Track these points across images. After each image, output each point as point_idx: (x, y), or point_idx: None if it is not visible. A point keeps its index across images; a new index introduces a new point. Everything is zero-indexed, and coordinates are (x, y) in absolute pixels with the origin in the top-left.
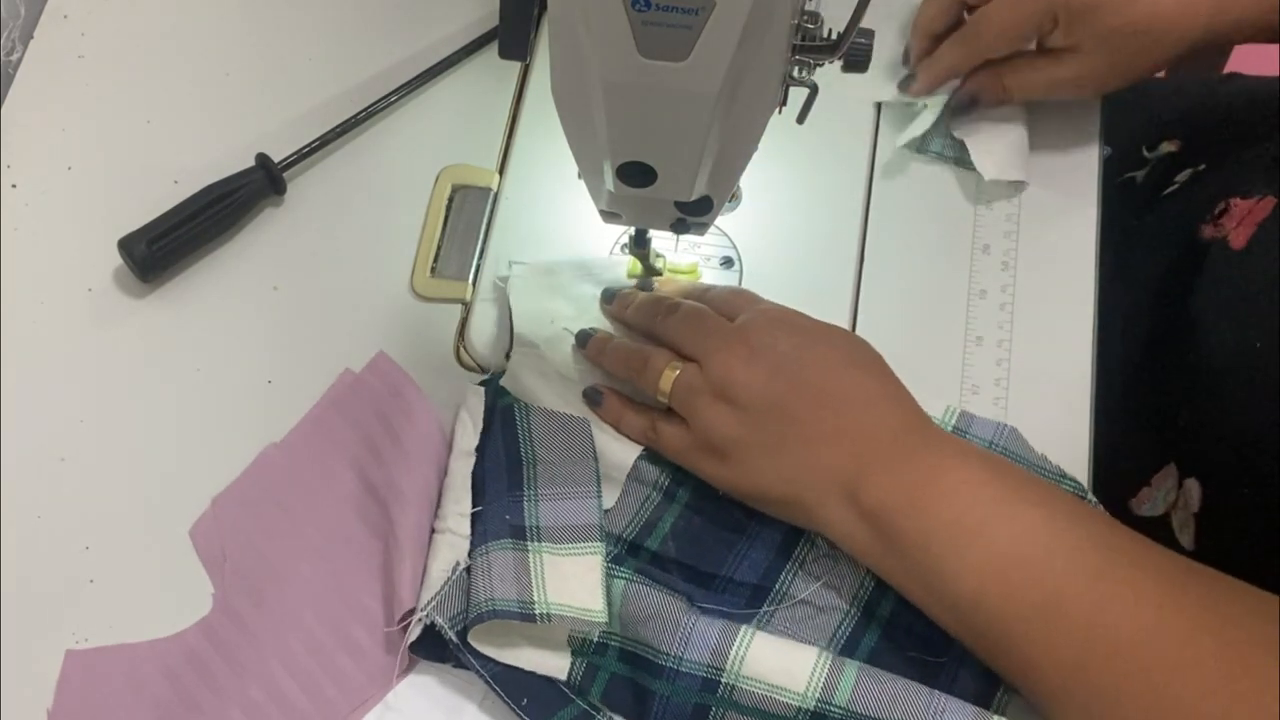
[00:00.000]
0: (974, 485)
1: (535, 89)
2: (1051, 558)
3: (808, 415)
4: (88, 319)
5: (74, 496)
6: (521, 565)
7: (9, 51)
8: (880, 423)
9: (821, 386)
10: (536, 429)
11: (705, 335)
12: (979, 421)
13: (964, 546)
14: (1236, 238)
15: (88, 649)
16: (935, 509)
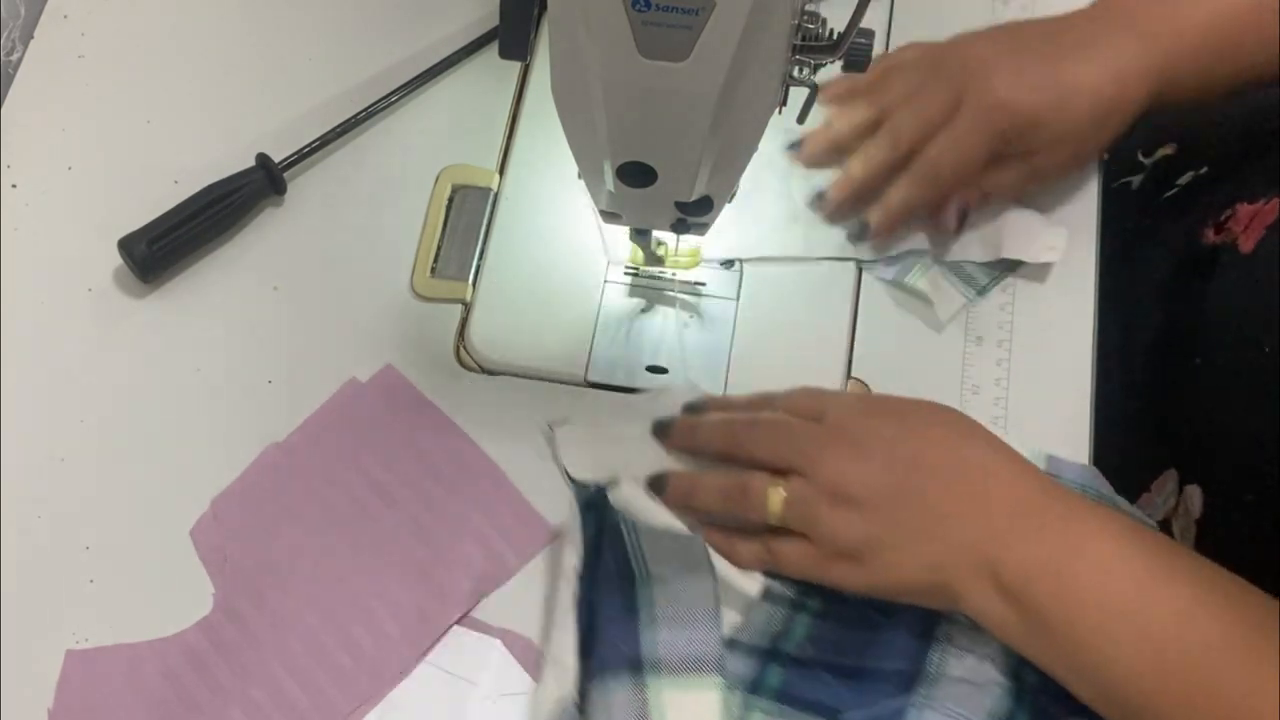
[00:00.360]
0: (1120, 561)
1: (535, 89)
2: (1207, 642)
3: (935, 496)
4: (88, 319)
5: (74, 496)
6: (642, 706)
7: (9, 51)
8: (1009, 492)
9: (940, 464)
10: (648, 547)
11: (800, 442)
12: (1065, 464)
13: (1115, 628)
14: (1245, 241)
15: (88, 649)
16: (1082, 586)
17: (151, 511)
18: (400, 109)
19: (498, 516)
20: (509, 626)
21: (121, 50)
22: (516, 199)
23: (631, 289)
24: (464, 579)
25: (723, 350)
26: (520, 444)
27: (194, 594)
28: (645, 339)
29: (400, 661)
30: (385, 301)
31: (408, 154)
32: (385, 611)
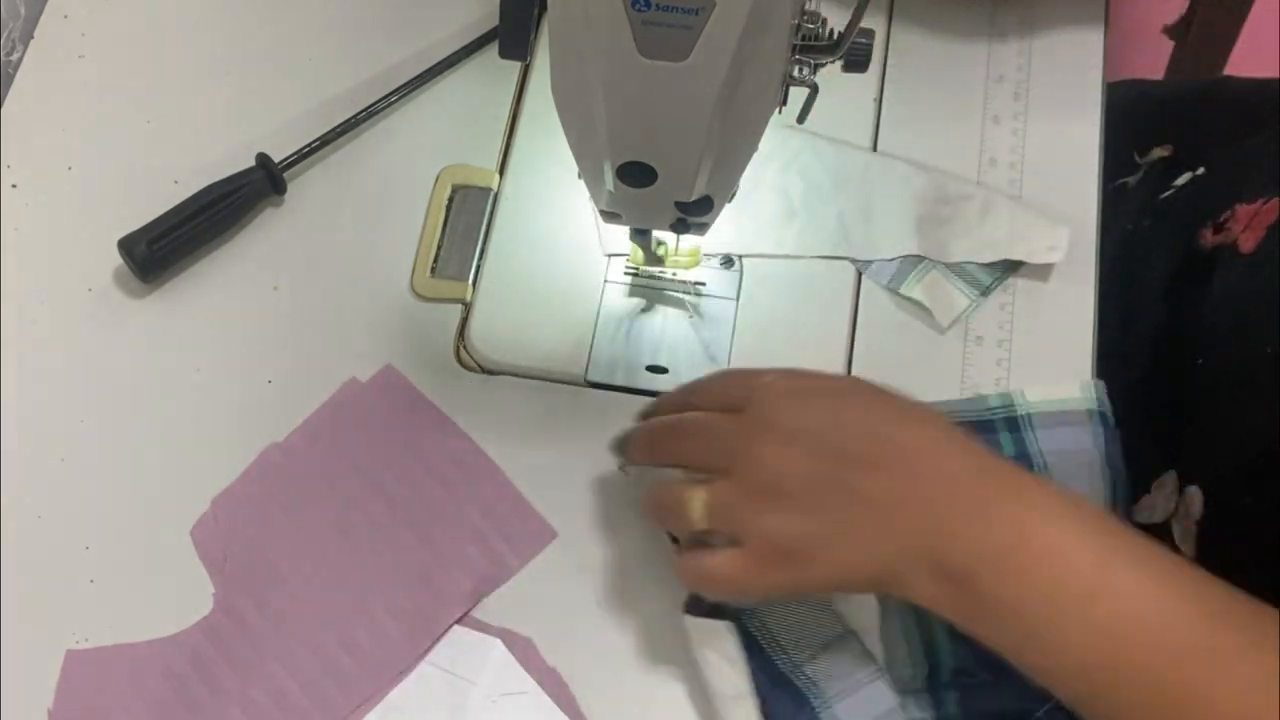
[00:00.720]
0: (1067, 546)
1: (535, 89)
2: (1163, 628)
3: (869, 485)
4: (88, 319)
5: (74, 496)
6: None
7: (9, 51)
8: (945, 472)
9: (873, 451)
10: (781, 636)
11: (721, 440)
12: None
13: (1064, 617)
14: (1245, 241)
15: (88, 649)
16: (1029, 575)
17: (151, 511)
18: (400, 109)
19: (498, 517)
20: (509, 626)
21: (121, 50)
22: (516, 199)
23: (631, 289)
24: (464, 579)
25: (723, 350)
26: (520, 444)
27: (194, 594)
28: (645, 339)
29: (400, 661)
30: (385, 301)
31: (408, 154)
32: (385, 611)
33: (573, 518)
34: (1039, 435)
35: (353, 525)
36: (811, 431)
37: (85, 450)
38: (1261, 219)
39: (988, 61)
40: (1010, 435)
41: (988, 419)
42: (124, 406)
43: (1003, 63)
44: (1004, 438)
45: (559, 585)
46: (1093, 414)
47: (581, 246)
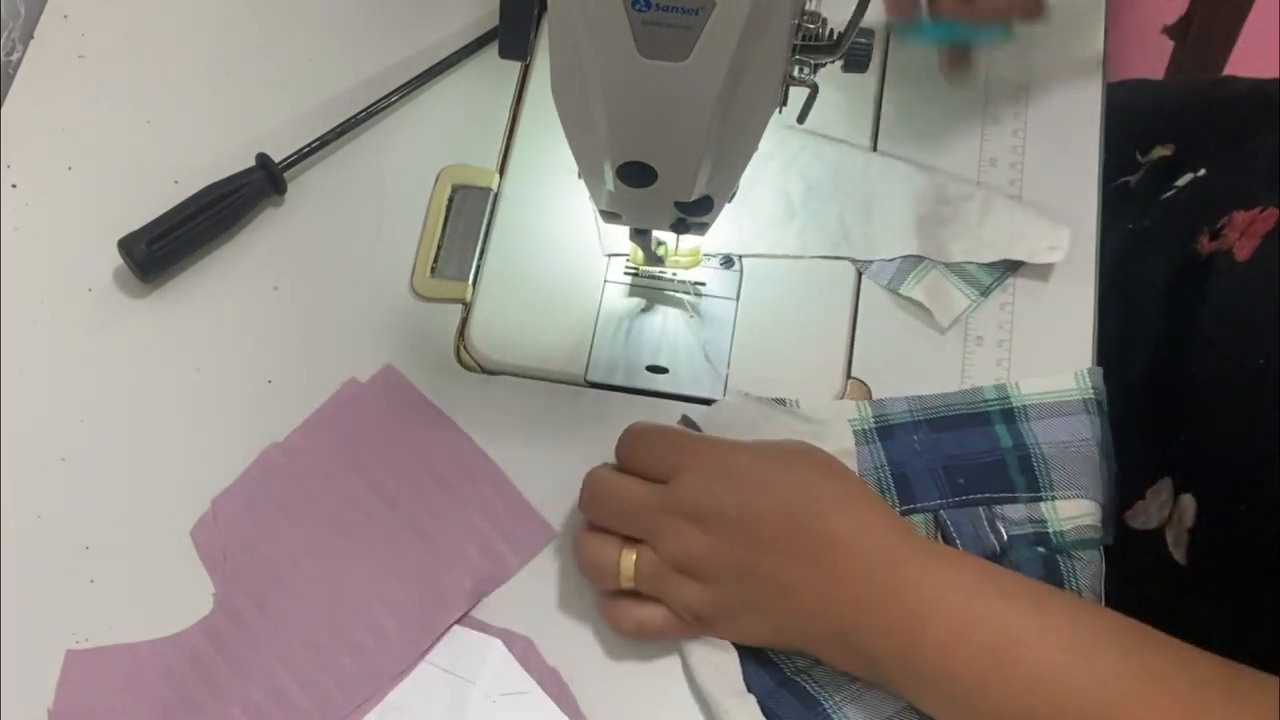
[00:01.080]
0: (964, 635)
1: (535, 89)
2: (1068, 695)
3: (779, 569)
4: (88, 319)
5: (74, 496)
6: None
7: (9, 51)
8: (857, 560)
9: (783, 537)
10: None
11: (644, 518)
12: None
13: (959, 703)
14: (1240, 249)
15: (88, 649)
16: (927, 663)
17: (151, 511)
18: (400, 109)
19: (498, 516)
20: (509, 626)
21: (121, 50)
22: (516, 199)
23: (631, 289)
24: (464, 579)
25: (723, 350)
26: (520, 444)
27: (194, 594)
28: (645, 339)
29: (400, 661)
30: (385, 301)
31: (408, 154)
32: (385, 611)
33: (573, 518)
34: (1035, 427)
35: (353, 525)
36: (729, 517)
37: (85, 450)
38: (1257, 228)
39: (987, 61)
40: (1007, 428)
41: (982, 410)
42: (124, 406)
43: (1002, 62)
44: (1000, 430)
45: (559, 585)
46: (1089, 403)
47: (581, 246)
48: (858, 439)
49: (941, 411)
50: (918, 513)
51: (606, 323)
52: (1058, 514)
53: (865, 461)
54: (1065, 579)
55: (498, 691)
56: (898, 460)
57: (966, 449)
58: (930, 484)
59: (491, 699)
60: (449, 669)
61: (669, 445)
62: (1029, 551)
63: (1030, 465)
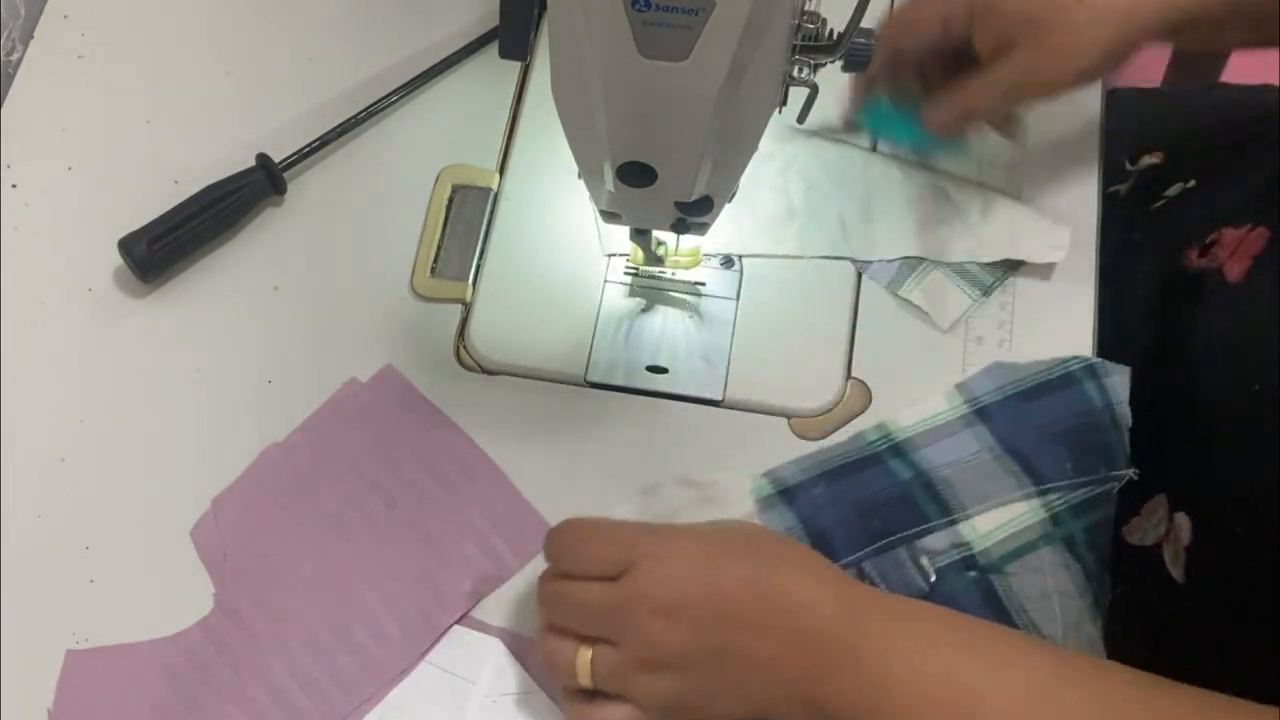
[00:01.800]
0: (931, 690)
1: (535, 89)
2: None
3: (746, 649)
4: (88, 319)
5: (74, 496)
6: None
7: (9, 51)
8: (822, 628)
9: (748, 617)
10: None
11: (600, 616)
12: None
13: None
14: (1231, 269)
15: (88, 649)
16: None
17: (151, 511)
18: (400, 109)
19: (498, 516)
20: (509, 626)
21: (121, 50)
22: (516, 199)
23: (631, 289)
24: (464, 579)
25: (723, 350)
26: (520, 444)
27: (194, 594)
28: (645, 339)
29: (400, 661)
30: (385, 301)
31: (408, 154)
32: (385, 611)
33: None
34: (925, 455)
35: (353, 525)
36: (690, 601)
37: (85, 450)
38: (1247, 248)
39: None
40: (900, 461)
41: (871, 453)
42: (124, 406)
43: None
44: (895, 464)
45: None
46: (967, 417)
47: (581, 246)
48: (762, 505)
49: (835, 462)
50: (843, 568)
51: (606, 323)
52: (978, 530)
53: (776, 525)
54: (1004, 600)
55: (498, 691)
56: (809, 518)
57: (870, 489)
58: (847, 535)
59: (491, 699)
60: (449, 669)
61: (615, 541)
62: (960, 580)
63: (935, 490)
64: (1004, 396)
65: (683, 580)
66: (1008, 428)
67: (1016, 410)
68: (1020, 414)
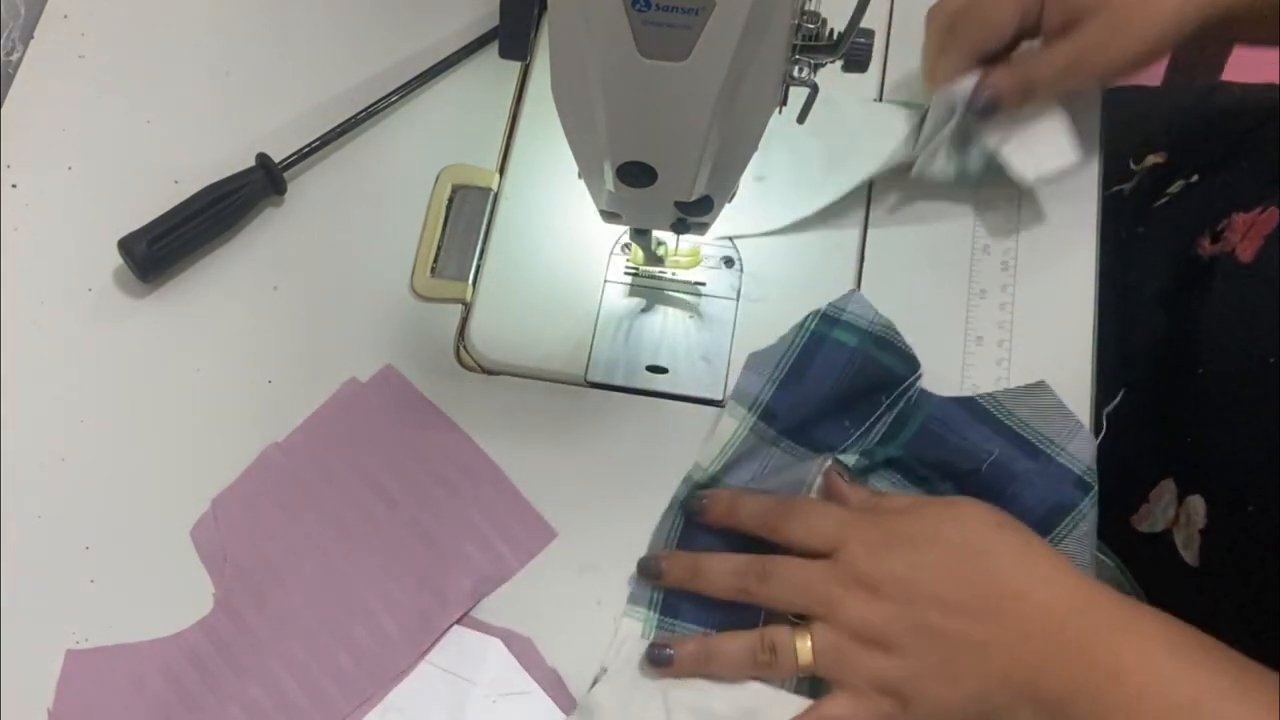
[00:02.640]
0: (1158, 684)
1: (535, 89)
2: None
3: (962, 629)
4: (88, 319)
5: (74, 496)
6: None
7: (9, 51)
8: (1041, 610)
9: (963, 597)
10: None
11: (816, 591)
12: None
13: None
14: (1244, 250)
15: (88, 649)
16: (1120, 712)
17: (151, 511)
18: (400, 109)
19: (498, 516)
20: (509, 626)
21: (121, 50)
22: (516, 199)
23: (631, 289)
24: (464, 579)
25: (723, 350)
26: (520, 444)
27: (194, 594)
28: (645, 339)
29: (400, 661)
30: (385, 301)
31: (408, 154)
32: (385, 611)
33: (573, 518)
34: (730, 481)
35: (353, 525)
36: (902, 582)
37: (85, 450)
38: (1259, 228)
39: None
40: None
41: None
42: (124, 406)
43: None
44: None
45: (559, 585)
46: (757, 428)
47: (581, 246)
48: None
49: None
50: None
51: (606, 323)
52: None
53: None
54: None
55: (498, 691)
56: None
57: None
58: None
59: (491, 699)
60: (449, 669)
61: (829, 517)
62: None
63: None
64: (776, 387)
65: (887, 557)
66: (791, 417)
67: (794, 396)
68: (799, 398)
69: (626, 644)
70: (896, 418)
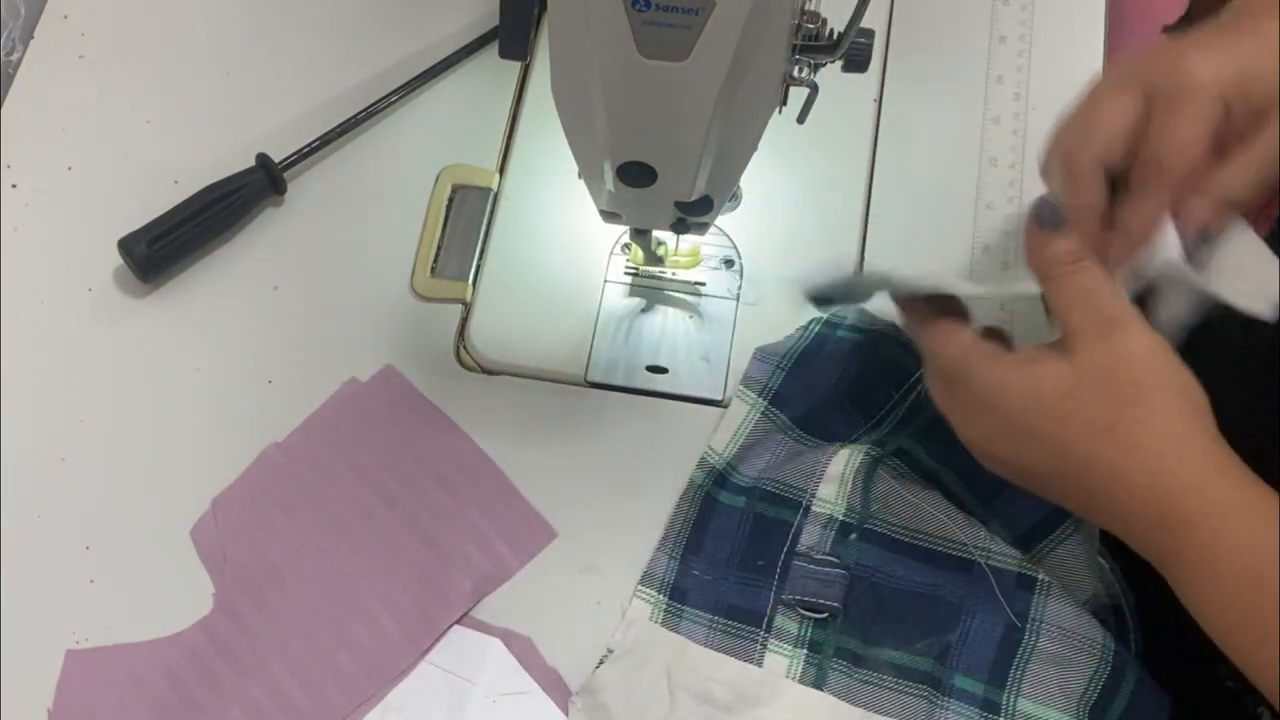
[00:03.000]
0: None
1: (535, 89)
2: None
3: (1062, 490)
4: (88, 319)
5: (74, 496)
6: None
7: (9, 51)
8: (1124, 504)
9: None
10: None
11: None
12: None
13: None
14: (1258, 230)
15: (88, 649)
16: (1198, 568)
17: (151, 511)
18: (400, 109)
19: (498, 516)
20: (509, 626)
21: (121, 50)
22: (516, 199)
23: (631, 289)
24: (464, 579)
25: (723, 350)
26: (520, 444)
27: (194, 594)
28: (645, 339)
29: (400, 661)
30: (385, 301)
31: (408, 154)
32: (385, 611)
33: (573, 518)
34: (745, 470)
35: (353, 525)
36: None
37: (85, 450)
38: (1270, 210)
39: (988, 62)
40: (729, 492)
41: (705, 496)
42: (124, 406)
43: (1003, 63)
44: (725, 496)
45: (559, 585)
46: (766, 413)
47: (581, 246)
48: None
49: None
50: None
51: (606, 323)
52: (828, 498)
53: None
54: (894, 541)
55: (498, 691)
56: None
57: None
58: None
59: (491, 699)
60: (449, 669)
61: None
62: (850, 548)
63: (768, 492)
64: (785, 374)
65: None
66: (799, 404)
67: (802, 383)
68: (806, 385)
69: (634, 626)
70: (908, 411)
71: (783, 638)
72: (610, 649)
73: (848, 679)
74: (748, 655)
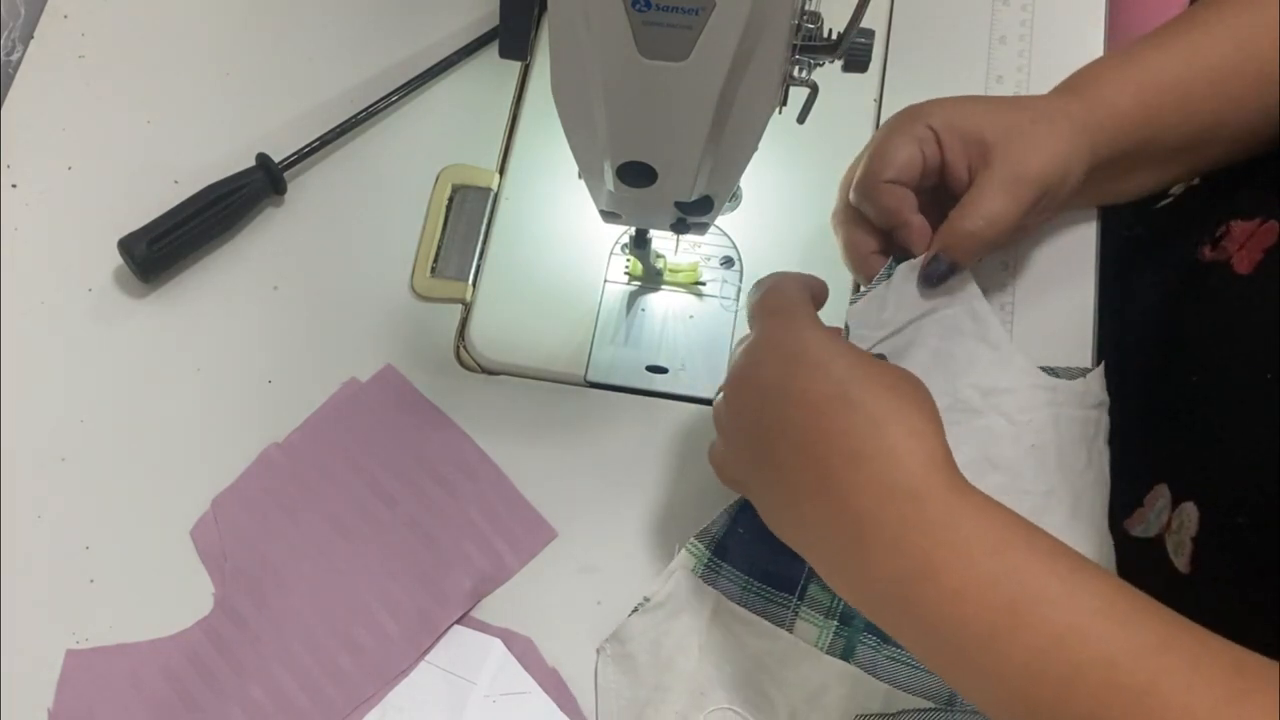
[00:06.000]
0: (983, 587)
1: (535, 89)
2: (1094, 663)
3: (787, 461)
4: (88, 319)
5: (74, 496)
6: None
7: (9, 51)
8: (870, 479)
9: (803, 428)
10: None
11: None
12: None
13: (966, 657)
14: (1240, 262)
15: (88, 649)
16: (931, 612)
17: (151, 511)
18: (400, 109)
19: (498, 516)
20: (509, 626)
21: (121, 50)
22: (516, 199)
23: (631, 289)
24: (464, 579)
25: (723, 350)
26: (520, 444)
27: (194, 594)
28: (645, 339)
29: (400, 661)
30: (385, 301)
31: (408, 154)
32: (385, 611)
33: (573, 518)
34: None
35: (353, 525)
36: (758, 385)
37: (85, 450)
38: (1259, 240)
39: (988, 62)
40: None
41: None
42: (124, 406)
43: (1003, 63)
44: None
45: (559, 585)
46: None
47: (581, 246)
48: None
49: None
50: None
51: (606, 323)
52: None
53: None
54: None
55: (498, 691)
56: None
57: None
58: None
59: (491, 699)
60: (449, 669)
61: (755, 304)
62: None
63: None
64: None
65: (766, 359)
66: None
67: None
68: None
69: (675, 575)
70: None
71: (815, 607)
72: (647, 597)
73: (875, 654)
74: (779, 620)
